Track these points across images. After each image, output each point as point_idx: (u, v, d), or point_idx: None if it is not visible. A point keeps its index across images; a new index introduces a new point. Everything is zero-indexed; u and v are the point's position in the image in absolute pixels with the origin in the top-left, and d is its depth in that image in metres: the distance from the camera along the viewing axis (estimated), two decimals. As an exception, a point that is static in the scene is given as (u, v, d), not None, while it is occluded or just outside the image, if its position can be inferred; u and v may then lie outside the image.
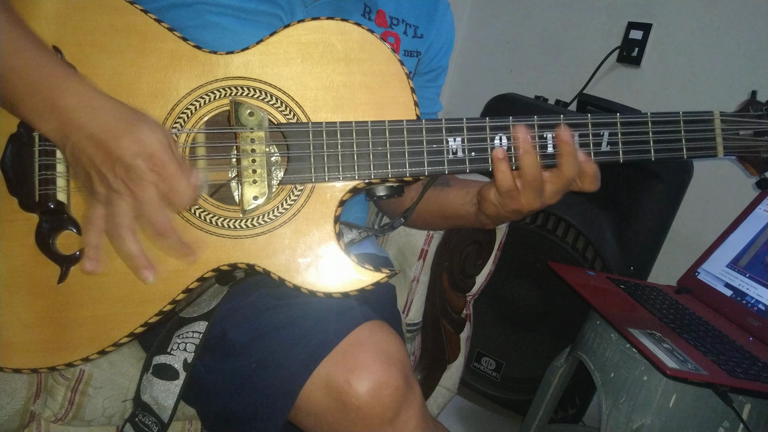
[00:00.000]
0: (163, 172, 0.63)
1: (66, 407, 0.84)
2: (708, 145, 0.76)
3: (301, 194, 0.72)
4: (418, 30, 0.93)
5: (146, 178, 0.63)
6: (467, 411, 1.69)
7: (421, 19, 0.93)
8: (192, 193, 0.65)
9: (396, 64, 0.73)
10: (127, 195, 0.63)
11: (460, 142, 0.73)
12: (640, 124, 0.75)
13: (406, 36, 0.92)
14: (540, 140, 0.73)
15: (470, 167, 0.73)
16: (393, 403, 0.64)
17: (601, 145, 0.74)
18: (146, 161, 0.62)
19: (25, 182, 0.70)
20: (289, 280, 0.71)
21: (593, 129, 0.74)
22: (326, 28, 0.73)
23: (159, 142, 0.63)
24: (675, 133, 0.76)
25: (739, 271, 1.14)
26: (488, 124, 0.73)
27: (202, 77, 0.72)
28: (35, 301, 0.70)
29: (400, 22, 0.91)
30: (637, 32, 1.62)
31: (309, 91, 0.73)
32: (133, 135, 0.62)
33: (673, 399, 0.95)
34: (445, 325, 1.16)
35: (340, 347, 0.66)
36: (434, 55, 0.97)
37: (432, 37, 0.95)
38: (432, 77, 0.99)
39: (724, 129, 0.76)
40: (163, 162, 0.63)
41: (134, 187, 0.63)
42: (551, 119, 0.73)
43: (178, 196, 0.64)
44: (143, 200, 0.63)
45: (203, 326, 0.73)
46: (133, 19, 0.72)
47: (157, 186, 0.63)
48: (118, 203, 0.64)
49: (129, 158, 0.62)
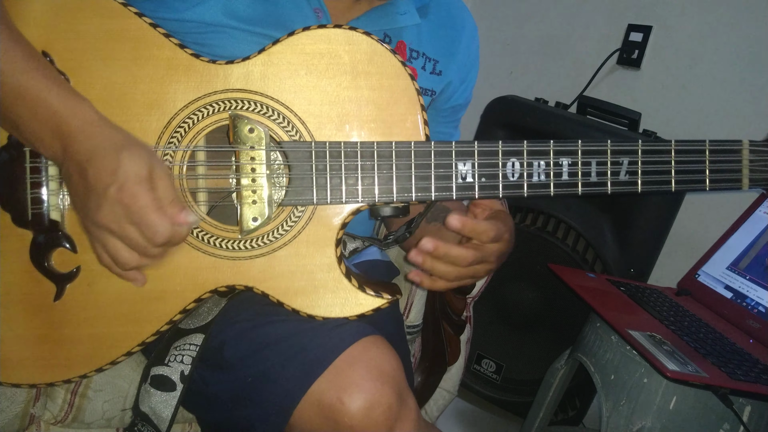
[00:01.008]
0: (133, 206, 0.59)
1: (66, 410, 0.84)
2: (733, 177, 0.71)
3: (302, 216, 0.70)
4: (437, 66, 0.89)
5: (116, 211, 0.60)
6: (467, 413, 1.69)
7: (441, 53, 0.89)
8: (166, 228, 0.60)
9: (406, 78, 0.69)
10: (106, 232, 0.62)
11: (470, 167, 0.69)
12: (663, 153, 0.70)
13: (423, 71, 0.88)
14: (555, 167, 0.70)
15: (480, 194, 0.70)
16: (386, 421, 0.64)
17: (620, 174, 0.70)
18: (116, 193, 0.59)
19: (17, 199, 0.68)
20: (287, 303, 0.70)
21: (612, 157, 0.70)
22: (333, 38, 0.69)
23: (134, 173, 0.59)
24: (699, 163, 0.71)
25: (739, 273, 1.14)
26: (501, 148, 0.69)
27: (200, 89, 0.69)
28: (32, 318, 0.70)
29: (420, 56, 0.87)
30: (637, 34, 1.62)
31: (313, 106, 0.69)
32: (111, 164, 0.59)
33: (673, 401, 0.95)
34: (446, 327, 1.16)
35: (334, 365, 0.65)
36: (453, 92, 0.93)
37: (451, 75, 0.90)
38: (450, 113, 0.96)
39: (752, 160, 0.71)
40: (134, 194, 0.59)
41: (108, 222, 0.61)
42: (568, 144, 0.69)
43: (150, 231, 0.60)
44: (121, 234, 0.61)
45: (200, 339, 0.72)
46: (127, 24, 0.68)
47: (129, 219, 0.60)
48: (104, 240, 0.63)
49: (100, 189, 0.60)
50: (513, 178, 0.70)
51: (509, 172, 0.70)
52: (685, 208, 1.41)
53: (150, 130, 0.69)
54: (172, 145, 0.69)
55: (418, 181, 0.69)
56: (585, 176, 0.71)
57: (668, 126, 1.53)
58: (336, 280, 0.70)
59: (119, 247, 0.62)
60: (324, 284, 0.70)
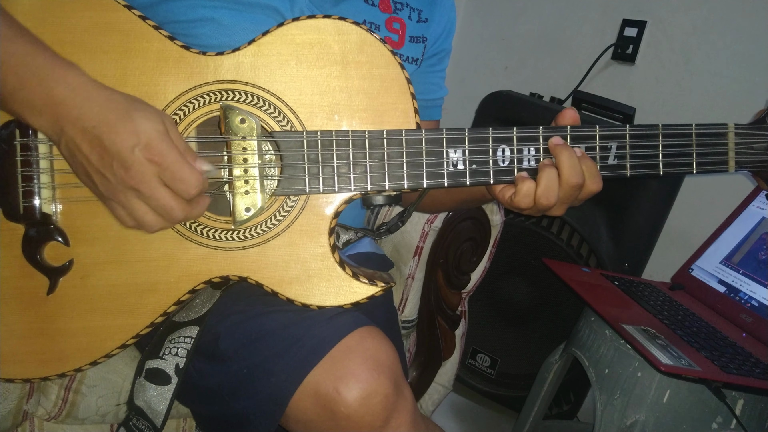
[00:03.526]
0: (164, 162, 0.60)
1: (60, 406, 0.84)
2: (719, 160, 0.72)
3: (294, 205, 0.70)
4: (422, 14, 0.90)
5: (147, 171, 0.60)
6: (462, 407, 1.69)
7: (424, 2, 0.90)
8: (198, 178, 0.61)
9: (396, 67, 0.70)
10: (133, 194, 0.61)
11: (461, 154, 0.70)
12: (651, 137, 0.72)
13: (411, 21, 0.88)
14: (545, 153, 0.70)
15: (471, 180, 0.70)
16: (382, 410, 0.64)
17: (608, 159, 0.71)
18: (144, 152, 0.59)
19: (8, 192, 0.68)
20: (282, 293, 0.70)
21: (601, 141, 0.71)
22: (322, 28, 0.69)
23: (155, 131, 0.60)
24: (686, 146, 0.72)
25: (732, 267, 1.14)
26: (491, 135, 0.70)
27: (190, 80, 0.69)
28: (25, 312, 0.69)
29: (404, 6, 0.88)
30: (631, 29, 1.62)
31: (304, 96, 0.69)
32: (127, 125, 0.59)
33: (666, 395, 0.95)
34: (441, 322, 1.16)
35: (330, 355, 0.65)
36: (437, 38, 0.94)
37: (435, 20, 0.92)
38: (435, 61, 0.96)
39: (737, 143, 0.72)
40: (162, 151, 0.59)
41: (137, 184, 0.60)
42: (557, 130, 0.70)
43: (184, 185, 0.61)
44: (150, 195, 0.61)
45: (195, 331, 0.72)
46: (116, 16, 0.68)
47: (160, 177, 0.60)
48: (130, 205, 0.62)
49: (125, 153, 0.59)
50: (503, 165, 0.71)
51: (500, 158, 0.70)
52: (679, 202, 1.42)
53: None
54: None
55: (410, 169, 0.70)
56: None
57: (663, 121, 1.51)
58: (330, 268, 0.70)
59: (145, 210, 0.62)
60: (318, 273, 0.70)
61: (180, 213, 0.63)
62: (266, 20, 0.75)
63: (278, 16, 0.77)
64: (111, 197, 0.63)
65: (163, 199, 0.61)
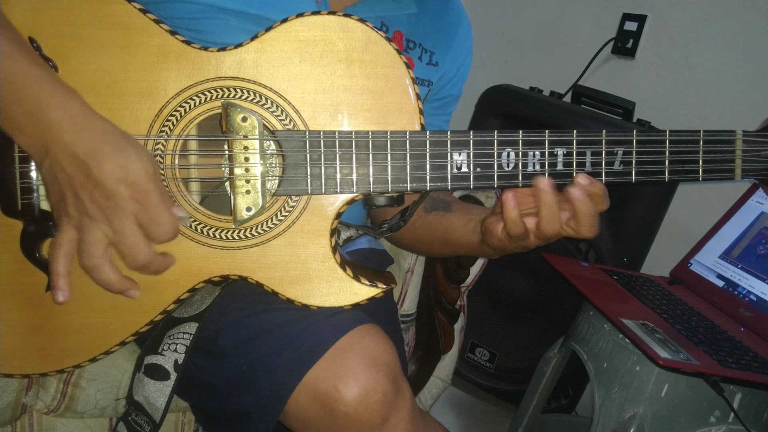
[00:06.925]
0: (146, 202, 0.60)
1: (58, 399, 0.84)
2: (725, 168, 0.71)
3: (296, 205, 0.69)
4: (434, 57, 0.89)
5: (127, 207, 0.60)
6: (461, 401, 1.70)
7: (439, 45, 0.89)
8: (174, 225, 0.63)
9: (402, 67, 0.68)
10: (102, 222, 0.61)
11: (465, 157, 0.69)
12: (657, 143, 0.70)
13: (420, 62, 0.88)
14: (550, 157, 0.70)
15: (474, 184, 0.69)
16: (381, 408, 0.64)
17: (614, 165, 0.70)
18: (128, 189, 0.60)
19: (7, 189, 0.67)
20: (282, 293, 0.70)
21: (607, 147, 0.70)
22: (327, 25, 0.67)
23: (145, 171, 0.60)
24: (693, 153, 0.71)
25: (731, 262, 1.14)
26: (496, 138, 0.69)
27: (192, 77, 0.67)
28: (23, 308, 0.69)
29: (416, 46, 0.87)
30: (631, 24, 1.62)
31: (307, 95, 0.68)
32: (118, 159, 0.60)
33: (665, 388, 0.96)
34: (439, 316, 1.16)
35: (329, 354, 0.65)
36: (446, 83, 0.93)
37: (447, 66, 0.90)
38: (440, 105, 0.95)
39: (745, 150, 0.71)
40: (147, 191, 0.60)
41: (112, 215, 0.60)
42: (563, 134, 0.69)
43: (159, 229, 0.62)
44: (120, 230, 0.61)
45: (194, 327, 0.72)
46: (116, 10, 0.67)
47: (137, 216, 0.61)
48: (91, 230, 0.61)
49: (111, 184, 0.59)
50: (508, 168, 0.70)
51: (504, 162, 0.69)
52: (678, 197, 1.42)
53: (141, 118, 0.68)
54: (163, 134, 0.68)
55: (413, 171, 0.69)
56: (580, 166, 0.71)
57: (662, 115, 1.53)
58: (331, 269, 0.70)
59: (98, 241, 0.62)
60: (319, 274, 0.70)
61: (144, 256, 0.63)
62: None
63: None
64: (75, 217, 0.62)
65: (131, 237, 0.61)
